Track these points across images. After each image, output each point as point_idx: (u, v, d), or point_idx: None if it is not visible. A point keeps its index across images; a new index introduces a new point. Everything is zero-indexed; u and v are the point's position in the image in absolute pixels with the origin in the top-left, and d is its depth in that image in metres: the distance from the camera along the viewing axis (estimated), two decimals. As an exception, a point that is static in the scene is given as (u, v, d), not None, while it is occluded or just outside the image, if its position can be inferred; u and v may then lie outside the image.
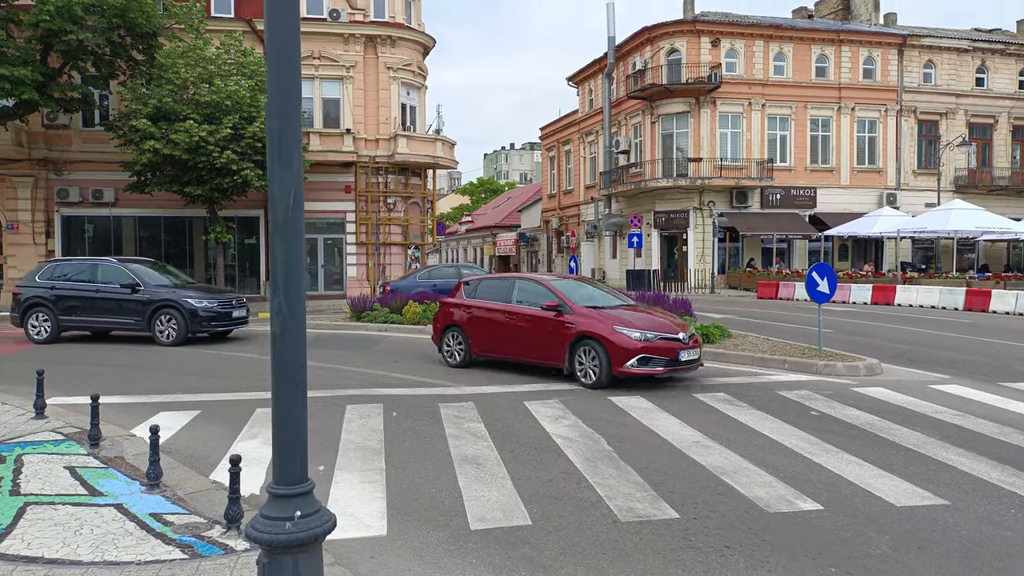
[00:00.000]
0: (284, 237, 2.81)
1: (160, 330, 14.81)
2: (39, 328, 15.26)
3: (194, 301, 14.83)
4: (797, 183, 34.10)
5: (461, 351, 11.87)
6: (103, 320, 15.21)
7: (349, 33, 28.52)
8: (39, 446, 6.78)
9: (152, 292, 14.88)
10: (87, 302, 15.08)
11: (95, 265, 15.53)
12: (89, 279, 15.28)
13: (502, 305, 11.40)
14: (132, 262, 16.02)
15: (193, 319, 14.73)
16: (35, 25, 20.50)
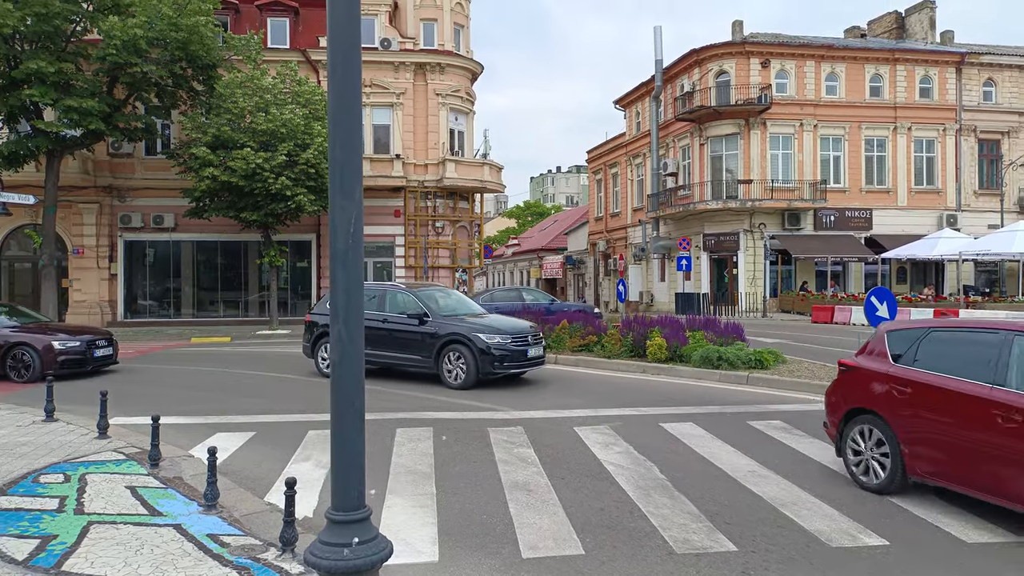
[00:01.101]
0: (345, 265, 2.85)
1: (448, 369, 12.42)
2: (329, 360, 14.40)
3: (486, 337, 12.18)
4: (852, 204, 33.34)
5: None
6: (391, 355, 13.09)
7: (400, 61, 29.15)
8: (102, 466, 6.97)
9: (440, 324, 12.61)
10: (375, 333, 12.78)
11: (383, 292, 13.65)
12: (377, 308, 13.29)
13: None
14: (422, 288, 14.01)
15: (483, 358, 12.09)
16: (103, 59, 21.50)
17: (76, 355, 13.50)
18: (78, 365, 13.51)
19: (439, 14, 29.99)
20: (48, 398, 9.15)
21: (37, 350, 13.08)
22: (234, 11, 29.08)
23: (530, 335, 12.73)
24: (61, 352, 13.28)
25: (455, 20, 30.47)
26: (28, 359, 13.04)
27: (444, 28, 30.02)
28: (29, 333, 13.53)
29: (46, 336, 13.42)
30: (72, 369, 13.39)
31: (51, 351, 13.12)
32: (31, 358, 13.03)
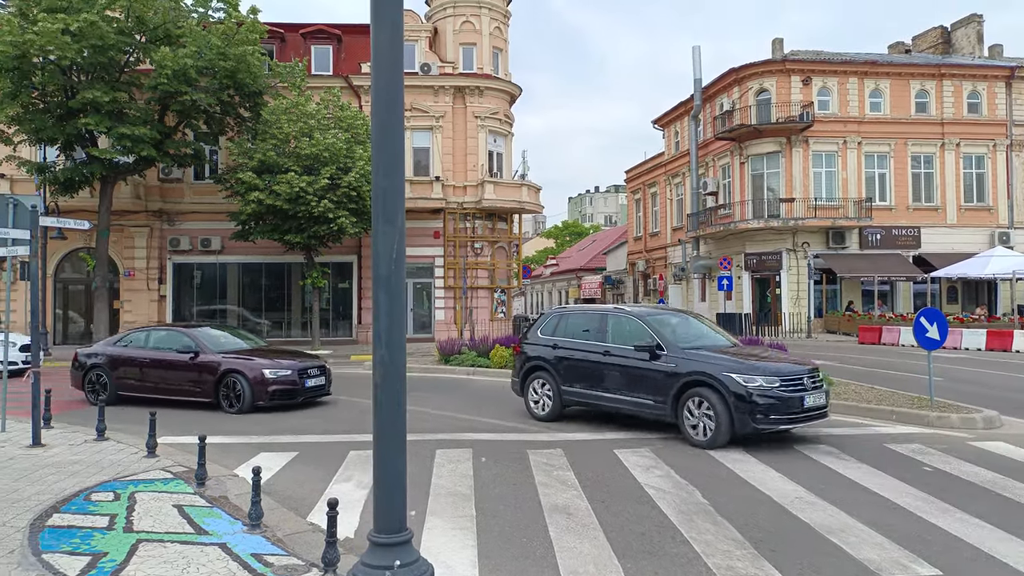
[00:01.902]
0: (388, 290, 2.90)
1: (691, 422, 9.38)
2: (540, 400, 11.34)
3: (742, 378, 9.05)
4: (899, 223, 32.60)
5: None
6: (614, 397, 10.41)
7: (439, 85, 29.58)
8: (150, 484, 7.13)
9: (679, 359, 9.74)
10: (594, 369, 10.66)
11: (605, 318, 11.03)
12: (597, 337, 10.85)
13: None
14: (653, 313, 11.19)
15: (740, 407, 8.98)
16: (154, 88, 22.27)
17: (287, 385, 12.39)
18: (289, 396, 12.40)
19: (478, 38, 30.40)
20: (100, 418, 9.40)
21: (248, 379, 12.09)
22: (280, 40, 29.89)
23: (806, 376, 9.39)
24: (273, 382, 12.20)
25: (493, 44, 30.85)
26: (240, 388, 12.10)
27: (483, 52, 30.41)
28: (242, 359, 12.55)
29: (258, 364, 12.37)
30: (283, 400, 12.31)
31: (262, 381, 12.11)
32: (242, 387, 12.09)
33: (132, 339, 13.72)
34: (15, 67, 20.90)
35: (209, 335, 13.51)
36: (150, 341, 13.41)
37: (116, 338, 14.19)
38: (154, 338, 13.46)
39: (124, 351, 13.38)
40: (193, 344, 12.80)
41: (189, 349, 12.71)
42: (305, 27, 30.39)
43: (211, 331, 13.98)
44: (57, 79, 21.84)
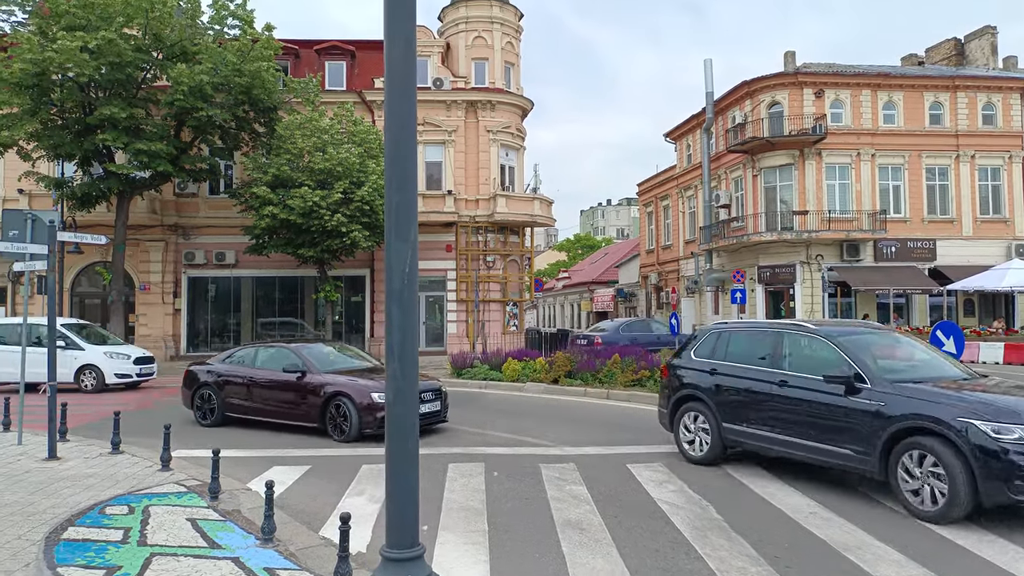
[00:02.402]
0: (400, 304, 2.91)
1: (910, 486, 6.88)
2: (695, 438, 9.15)
3: (989, 426, 6.50)
4: (914, 235, 32.36)
5: None
6: (794, 441, 7.97)
7: (452, 100, 29.77)
8: (164, 498, 7.16)
9: (887, 396, 7.26)
10: (766, 402, 8.29)
11: (779, 337, 8.58)
12: (770, 361, 8.48)
13: None
14: (848, 331, 8.45)
15: (987, 467, 6.39)
16: (171, 104, 22.57)
17: None
18: None
19: (490, 53, 30.60)
20: (115, 431, 9.46)
21: (355, 403, 10.82)
22: (294, 56, 30.21)
23: None
24: (381, 407, 10.29)
25: (505, 59, 31.04)
26: (346, 413, 10.87)
27: (495, 67, 30.60)
28: (349, 380, 11.30)
29: (365, 386, 11.03)
30: None
31: (370, 406, 10.74)
32: (349, 412, 10.83)
33: (240, 356, 12.96)
34: (34, 84, 21.25)
35: (318, 353, 12.58)
36: (258, 359, 12.59)
37: (226, 354, 13.36)
38: (262, 356, 12.61)
39: (232, 369, 12.62)
40: (299, 363, 11.84)
41: (295, 368, 11.75)
42: (319, 43, 30.72)
43: (321, 348, 13.04)
44: (75, 96, 22.16)
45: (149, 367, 19.39)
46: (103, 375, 18.18)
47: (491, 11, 30.71)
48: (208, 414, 12.51)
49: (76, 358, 18.18)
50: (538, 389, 17.07)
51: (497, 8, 30.83)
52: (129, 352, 19.16)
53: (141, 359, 19.16)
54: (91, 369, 18.22)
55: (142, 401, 16.53)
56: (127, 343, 21.83)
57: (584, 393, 16.21)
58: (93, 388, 18.08)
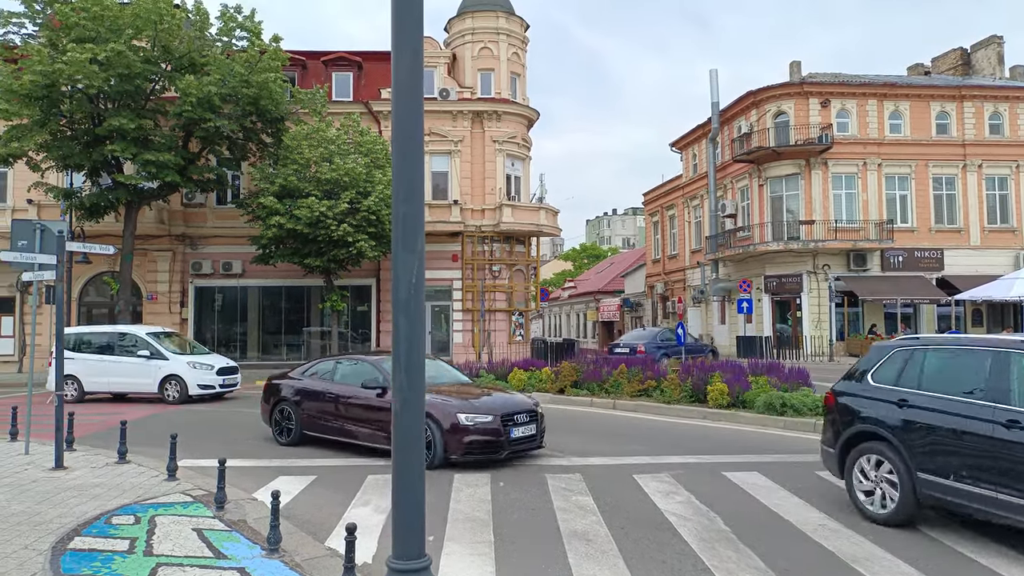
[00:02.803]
0: (407, 314, 2.92)
1: None
2: (875, 489, 7.03)
3: None
4: (921, 244, 32.27)
5: None
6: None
7: (458, 110, 29.90)
8: (170, 508, 7.16)
9: None
10: (985, 449, 6.16)
11: (1003, 357, 6.36)
12: (990, 392, 6.31)
13: None
14: None
15: None
16: (179, 115, 22.73)
17: (487, 435, 9.44)
18: (489, 450, 9.45)
19: (496, 64, 30.74)
20: (121, 440, 9.48)
21: (439, 425, 9.42)
22: (301, 67, 30.41)
23: None
24: (468, 431, 9.40)
25: (511, 69, 31.17)
26: (430, 437, 9.41)
27: (501, 77, 30.73)
28: (432, 399, 9.71)
29: (450, 406, 9.66)
30: (481, 455, 9.42)
31: (456, 428, 9.36)
32: (432, 436, 9.41)
33: (319, 369, 11.81)
34: (44, 96, 21.44)
35: None
36: (337, 372, 11.45)
37: (308, 366, 12.22)
38: (342, 369, 11.46)
39: (310, 383, 11.50)
40: (379, 377, 10.49)
41: (375, 384, 10.41)
42: (326, 55, 30.92)
43: None
44: (85, 107, 22.35)
45: (232, 378, 18.80)
46: (186, 386, 17.71)
47: (497, 22, 30.87)
48: (286, 432, 11.49)
49: (160, 368, 17.87)
50: (544, 399, 16.99)
51: (503, 19, 30.99)
52: (213, 362, 18.65)
53: (224, 369, 18.62)
54: (175, 379, 17.80)
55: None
56: (212, 352, 21.23)
57: (590, 403, 16.17)
58: (177, 399, 17.69)
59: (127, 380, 18.09)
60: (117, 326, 20.76)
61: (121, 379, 18.12)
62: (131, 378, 18.02)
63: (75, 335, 18.92)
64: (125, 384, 18.13)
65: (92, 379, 18.11)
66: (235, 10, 24.16)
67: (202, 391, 17.94)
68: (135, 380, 18.00)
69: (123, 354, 18.28)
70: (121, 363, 18.11)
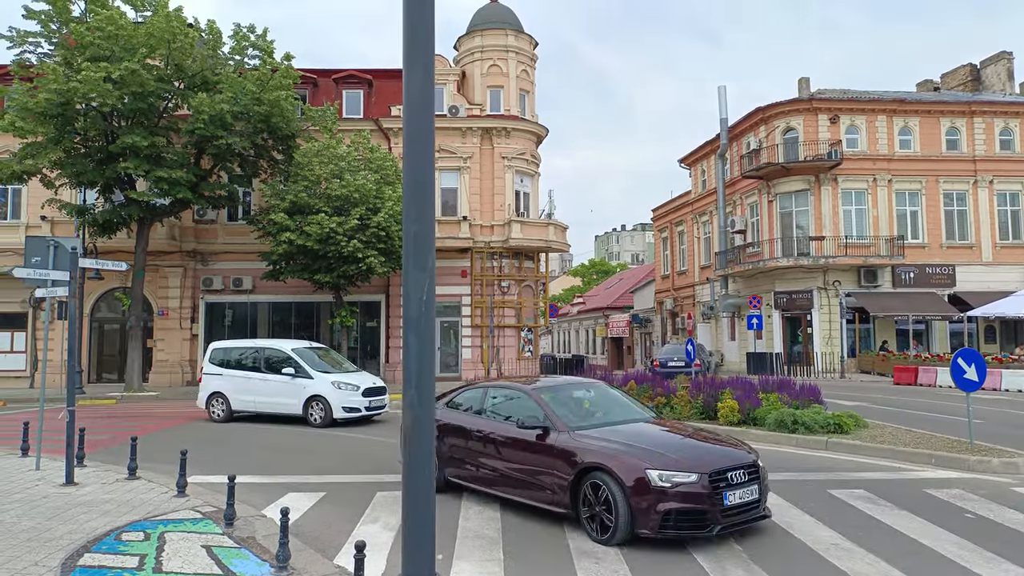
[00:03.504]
0: (417, 332, 2.92)
1: None
2: None
3: None
4: (932, 260, 32.09)
5: None
6: None
7: (467, 127, 30.06)
8: (180, 524, 7.15)
9: None
10: None
11: None
12: None
13: None
14: None
15: None
16: (191, 132, 22.96)
17: (691, 502, 6.68)
18: (694, 522, 6.68)
19: (505, 81, 30.94)
20: (132, 456, 9.49)
21: (620, 483, 6.78)
22: (312, 84, 30.69)
23: None
24: (664, 494, 6.64)
25: (520, 86, 31.35)
26: (609, 498, 6.83)
27: (510, 94, 30.91)
28: (611, 445, 7.21)
29: (634, 457, 6.96)
30: (682, 530, 6.65)
31: (645, 489, 6.68)
32: (612, 498, 6.80)
33: (465, 398, 9.32)
34: (59, 114, 21.72)
35: (566, 398, 8.59)
36: (487, 402, 8.98)
37: (452, 394, 9.64)
38: (491, 398, 9.01)
39: (454, 416, 9.06)
40: (540, 414, 7.96)
41: (535, 422, 7.86)
42: (337, 72, 31.20)
43: (571, 389, 8.96)
44: (98, 125, 22.61)
45: (379, 399, 16.69)
46: (331, 408, 15.82)
47: (506, 40, 31.10)
48: None
49: (305, 388, 16.14)
50: (553, 416, 16.94)
51: (512, 37, 31.22)
52: (358, 381, 16.49)
53: (371, 390, 16.48)
54: (319, 401, 15.95)
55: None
56: (363, 370, 19.22)
57: (600, 420, 16.06)
58: (320, 422, 15.76)
59: (272, 400, 16.60)
60: (263, 340, 19.58)
61: (266, 399, 16.66)
62: (276, 398, 16.53)
63: (223, 350, 17.84)
64: (270, 404, 16.64)
65: (239, 397, 16.92)
66: (248, 29, 24.47)
67: (347, 414, 15.93)
68: (280, 400, 16.45)
69: (269, 371, 16.77)
70: (268, 382, 16.62)
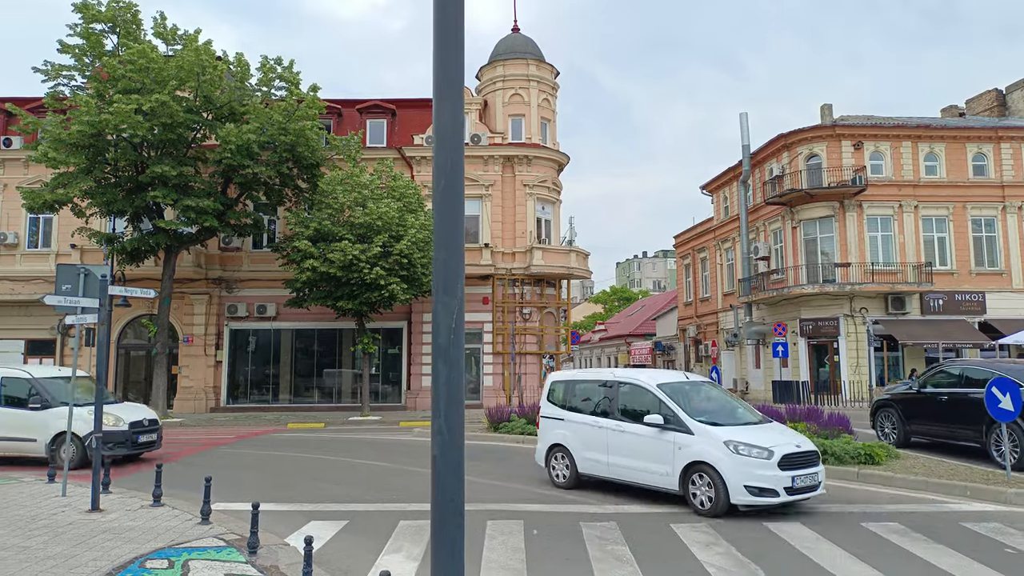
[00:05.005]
0: (447, 360, 2.89)
1: None
2: None
3: None
4: (962, 287, 31.56)
5: None
6: None
7: (489, 155, 30.29)
8: (203, 552, 7.13)
9: None
10: None
11: None
12: None
13: None
14: None
15: None
16: (219, 162, 23.37)
17: None
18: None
19: (526, 110, 31.19)
20: (157, 483, 9.52)
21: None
22: (337, 115, 31.16)
23: None
24: None
25: (542, 115, 31.59)
26: None
27: (531, 123, 31.14)
28: None
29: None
30: None
31: None
32: None
33: None
34: (91, 144, 22.22)
35: None
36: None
37: None
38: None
39: None
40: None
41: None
42: (361, 103, 31.65)
43: None
44: (129, 155, 23.08)
45: (811, 474, 9.30)
46: (725, 485, 9.15)
47: (528, 69, 31.42)
48: None
49: (680, 448, 9.71)
50: (576, 444, 16.76)
51: (534, 67, 31.54)
52: (772, 440, 9.49)
53: (795, 459, 9.27)
54: (705, 471, 9.38)
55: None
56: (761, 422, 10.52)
57: (623, 449, 15.85)
58: (709, 508, 9.25)
59: (629, 464, 10.44)
60: (617, 371, 11.98)
61: (622, 460, 10.53)
62: (635, 460, 10.35)
63: (564, 384, 12.07)
64: (627, 470, 10.46)
65: (586, 455, 11.06)
66: (276, 61, 24.96)
67: (754, 499, 9.09)
68: (641, 465, 10.26)
69: (626, 418, 10.61)
70: (623, 434, 10.49)
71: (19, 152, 28.45)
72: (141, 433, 14.26)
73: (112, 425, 13.47)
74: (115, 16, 23.20)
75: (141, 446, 14.40)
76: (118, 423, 13.75)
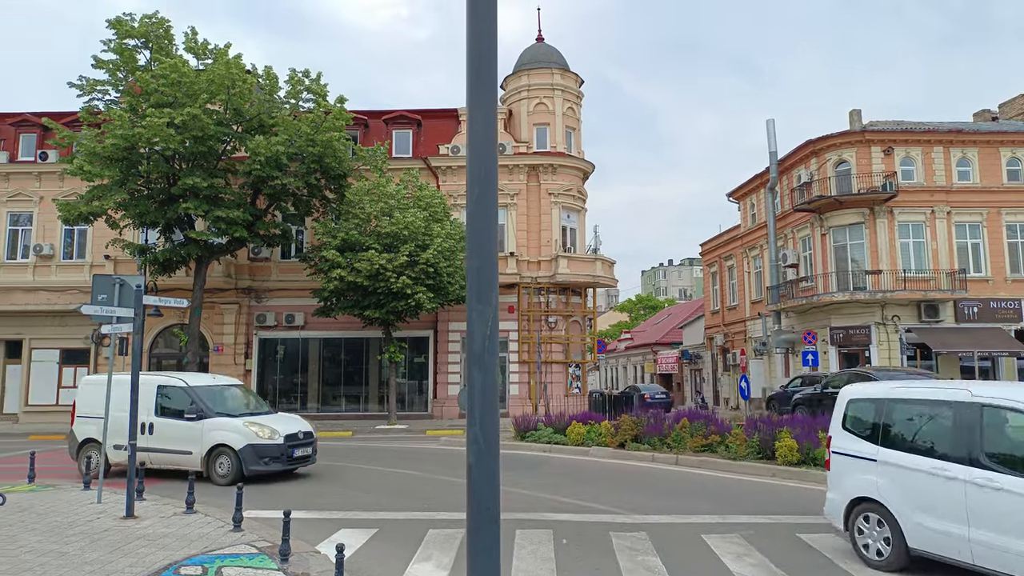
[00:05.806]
0: (482, 367, 2.89)
1: None
2: None
3: None
4: (998, 295, 30.88)
5: None
6: None
7: (514, 164, 30.36)
8: (236, 559, 7.19)
9: None
10: None
11: None
12: None
13: None
14: None
15: None
16: (248, 173, 23.71)
17: None
18: None
19: (551, 119, 31.24)
20: (189, 490, 9.63)
21: None
22: (363, 126, 31.47)
23: None
24: None
25: (567, 124, 31.61)
26: None
27: (556, 132, 31.17)
28: None
29: None
30: None
31: None
32: None
33: None
34: (124, 157, 22.67)
35: None
36: None
37: None
38: None
39: None
40: None
41: None
42: (387, 113, 31.94)
43: None
44: (161, 167, 23.51)
45: None
46: None
47: (552, 79, 31.49)
48: None
49: None
50: (604, 453, 16.70)
51: (559, 76, 31.60)
52: None
53: None
54: None
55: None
56: None
57: (652, 458, 15.75)
58: None
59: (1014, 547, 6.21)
60: (967, 386, 7.43)
61: (1001, 540, 6.30)
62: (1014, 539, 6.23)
63: (875, 403, 7.96)
64: (1009, 557, 6.22)
65: (924, 521, 6.95)
66: (304, 74, 25.30)
67: None
68: None
69: (1002, 467, 6.47)
70: (1001, 493, 6.34)
71: (55, 165, 29.15)
72: (296, 447, 13.16)
73: (267, 438, 12.70)
74: (148, 32, 23.68)
75: (296, 460, 13.25)
76: (273, 436, 12.80)
